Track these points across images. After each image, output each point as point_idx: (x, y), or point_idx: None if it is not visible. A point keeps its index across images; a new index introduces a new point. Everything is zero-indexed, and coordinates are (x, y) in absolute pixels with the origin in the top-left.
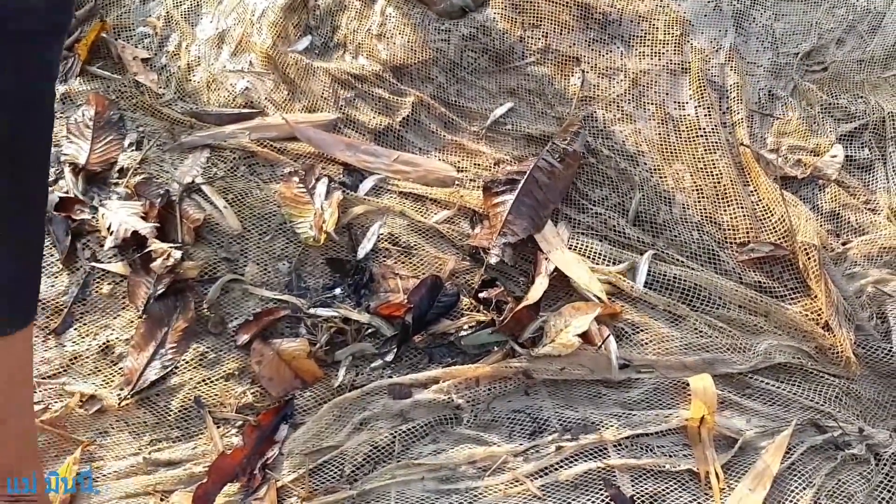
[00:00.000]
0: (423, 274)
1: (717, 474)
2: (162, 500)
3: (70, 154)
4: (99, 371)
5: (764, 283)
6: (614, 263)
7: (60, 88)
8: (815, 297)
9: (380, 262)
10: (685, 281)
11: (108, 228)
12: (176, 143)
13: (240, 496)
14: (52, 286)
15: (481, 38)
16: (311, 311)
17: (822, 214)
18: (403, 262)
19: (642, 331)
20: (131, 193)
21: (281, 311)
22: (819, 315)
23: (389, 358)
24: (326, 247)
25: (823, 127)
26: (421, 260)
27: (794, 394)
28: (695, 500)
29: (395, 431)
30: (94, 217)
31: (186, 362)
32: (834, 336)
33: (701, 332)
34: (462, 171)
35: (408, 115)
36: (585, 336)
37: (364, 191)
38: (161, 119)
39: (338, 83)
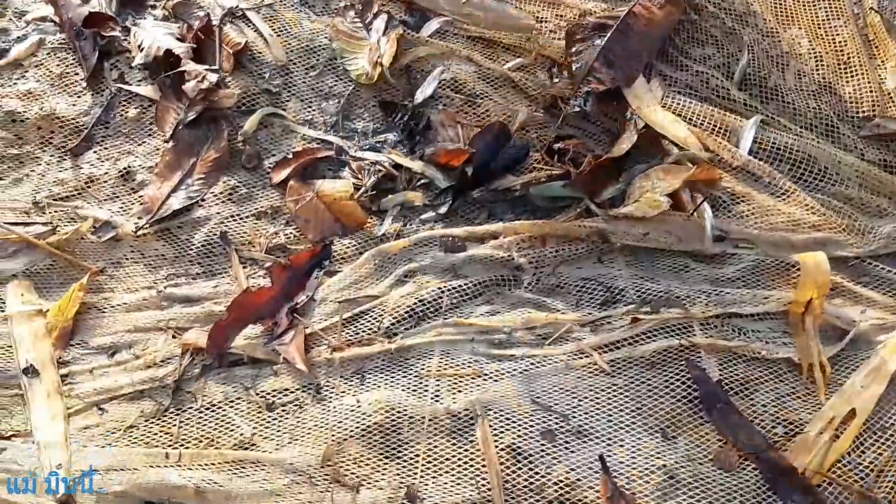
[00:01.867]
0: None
1: (822, 367)
2: (174, 336)
3: None
4: (117, 197)
5: (890, 162)
6: (716, 127)
7: None
8: None
9: (440, 109)
10: (798, 151)
11: (140, 46)
12: None
13: (263, 339)
14: (74, 105)
15: None
16: (358, 154)
17: None
18: (467, 112)
19: (743, 201)
20: (169, 15)
21: (324, 151)
22: None
23: (443, 210)
24: (380, 87)
25: None
26: (487, 111)
27: None
28: (793, 392)
29: (444, 287)
30: (126, 38)
31: (215, 195)
32: None
33: (812, 208)
34: (542, 21)
35: None
36: (676, 201)
37: (428, 32)
38: None
39: None
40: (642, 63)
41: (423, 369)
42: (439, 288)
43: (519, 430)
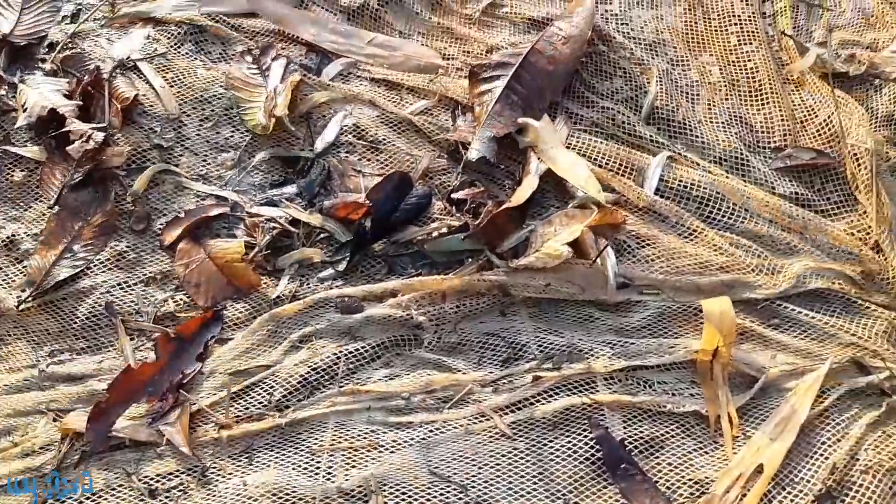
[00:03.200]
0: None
1: (730, 418)
2: (55, 419)
3: None
4: (0, 269)
5: (802, 194)
6: (621, 166)
7: None
8: (864, 212)
9: (341, 157)
10: (705, 188)
11: (24, 105)
12: (116, 16)
13: (147, 419)
14: None
15: None
16: (254, 209)
17: (877, 118)
18: (369, 159)
19: (649, 245)
20: (58, 69)
21: (218, 207)
22: (867, 233)
23: (341, 267)
24: (278, 137)
25: (883, 19)
26: (390, 157)
27: (832, 326)
28: (700, 448)
29: (341, 351)
30: (13, 95)
31: (101, 262)
32: (885, 258)
33: (720, 249)
34: (448, 58)
35: None
36: (578, 248)
37: (329, 76)
38: None
39: None
40: (546, 102)
41: (315, 444)
42: (335, 353)
43: None
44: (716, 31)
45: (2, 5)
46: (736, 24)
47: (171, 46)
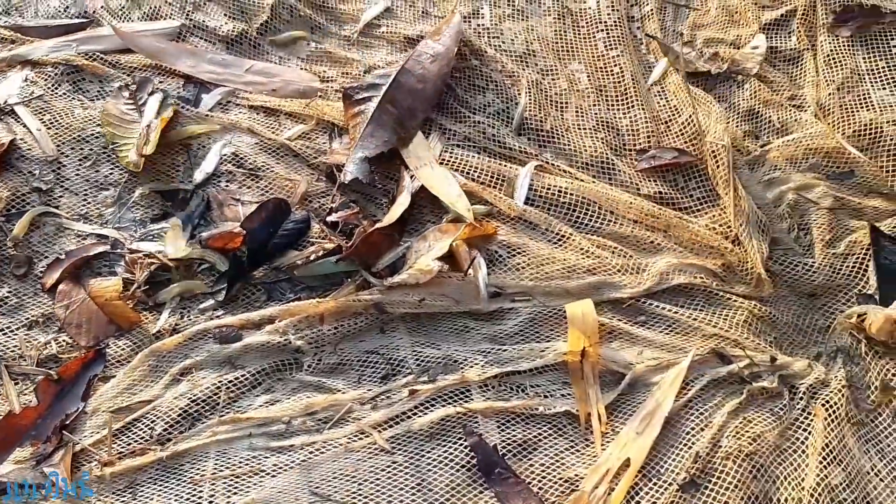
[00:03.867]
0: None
1: (599, 416)
2: None
3: None
4: None
5: (665, 194)
6: (493, 178)
7: None
8: (725, 207)
9: (221, 186)
10: (572, 195)
11: None
12: None
13: (32, 462)
14: None
15: None
16: (134, 245)
17: (738, 114)
18: (249, 187)
19: (519, 253)
20: None
21: (99, 246)
22: (728, 228)
23: (220, 297)
24: (157, 171)
25: (745, 16)
26: (270, 183)
27: (696, 320)
28: (571, 446)
29: (221, 381)
30: None
31: None
32: (744, 250)
33: (588, 252)
34: (327, 81)
35: (266, 20)
36: (452, 262)
37: (207, 106)
38: None
39: None
40: (418, 119)
41: (197, 474)
42: (215, 384)
43: None
44: (584, 38)
45: None
46: (603, 30)
47: (49, 88)
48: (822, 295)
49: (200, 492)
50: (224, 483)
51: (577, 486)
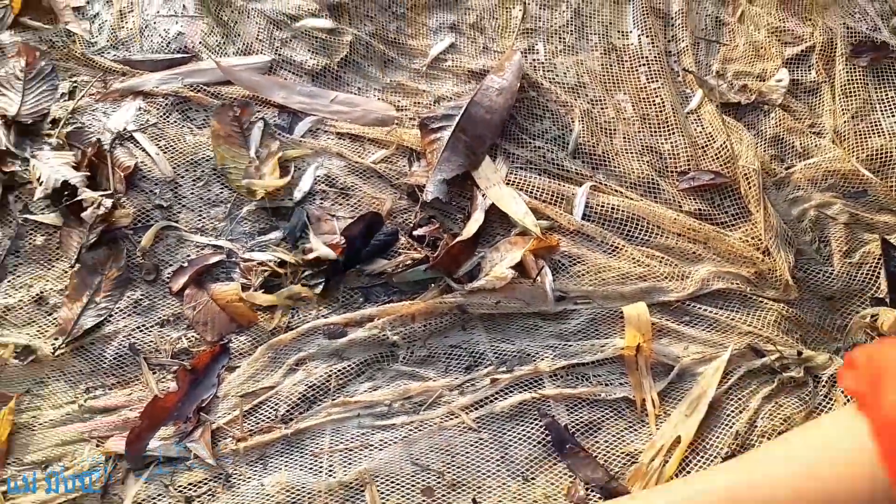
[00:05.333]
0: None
1: (653, 401)
2: (98, 445)
3: (0, 107)
4: (33, 322)
5: (704, 210)
6: (553, 197)
7: None
8: (756, 222)
9: (317, 204)
10: (623, 211)
11: (39, 179)
12: (108, 91)
13: (175, 438)
14: None
15: None
16: (246, 255)
17: (765, 140)
18: (341, 204)
19: (579, 262)
20: (63, 143)
21: (216, 256)
22: (758, 240)
23: (318, 290)
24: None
25: (770, 51)
26: (359, 201)
27: (733, 319)
28: (630, 426)
29: (331, 371)
30: (26, 169)
31: (120, 310)
32: (773, 260)
33: (638, 261)
34: (402, 110)
35: (346, 56)
36: (522, 269)
37: (300, 133)
38: (93, 68)
39: (273, 24)
40: (486, 145)
41: (317, 448)
42: (326, 373)
43: (403, 491)
44: (628, 72)
45: (5, 87)
46: (644, 64)
47: (161, 116)
48: (840, 298)
49: (321, 462)
50: (339, 455)
51: (637, 460)
